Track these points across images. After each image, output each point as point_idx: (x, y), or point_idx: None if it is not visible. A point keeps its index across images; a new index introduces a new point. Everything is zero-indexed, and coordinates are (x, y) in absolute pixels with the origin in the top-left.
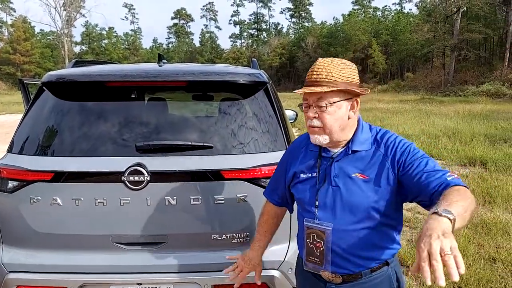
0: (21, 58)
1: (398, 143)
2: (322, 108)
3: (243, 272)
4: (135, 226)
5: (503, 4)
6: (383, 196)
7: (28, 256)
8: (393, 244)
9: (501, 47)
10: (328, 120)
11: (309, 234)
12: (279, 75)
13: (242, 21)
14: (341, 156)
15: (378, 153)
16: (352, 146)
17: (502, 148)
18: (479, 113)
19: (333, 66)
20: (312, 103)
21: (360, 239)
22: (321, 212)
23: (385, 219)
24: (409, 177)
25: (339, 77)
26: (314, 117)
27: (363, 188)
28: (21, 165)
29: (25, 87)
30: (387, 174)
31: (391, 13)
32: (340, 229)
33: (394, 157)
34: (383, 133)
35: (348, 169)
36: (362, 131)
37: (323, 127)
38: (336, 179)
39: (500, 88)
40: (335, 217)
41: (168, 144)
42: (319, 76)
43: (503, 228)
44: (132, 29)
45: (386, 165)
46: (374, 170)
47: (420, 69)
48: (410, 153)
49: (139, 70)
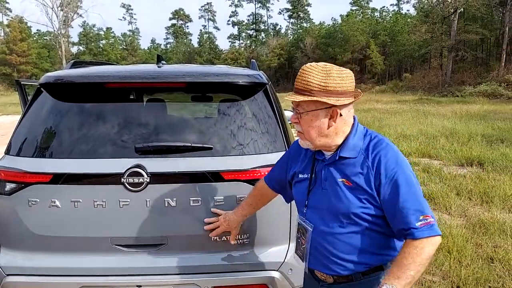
0: (17, 59)
1: (386, 162)
2: (301, 115)
3: (219, 229)
4: (134, 228)
5: (499, 5)
6: (369, 205)
7: (27, 259)
8: (388, 250)
9: (497, 47)
10: (304, 127)
11: (299, 229)
12: (277, 75)
13: (241, 22)
14: (330, 161)
15: (366, 164)
16: (340, 152)
17: (499, 148)
18: (476, 114)
19: (314, 74)
20: (294, 109)
21: (347, 243)
22: (309, 212)
23: (374, 226)
24: (383, 202)
25: (317, 86)
26: (295, 122)
27: (347, 194)
28: (19, 167)
29: (22, 88)
30: (369, 186)
31: (389, 14)
32: (324, 231)
33: (379, 175)
34: (375, 142)
35: (335, 174)
36: (354, 137)
37: (303, 133)
38: (325, 182)
39: (497, 88)
40: (321, 219)
41: (168, 146)
42: (298, 83)
43: (500, 228)
44: (130, 30)
45: (370, 177)
46: (359, 179)
47: (418, 69)
48: (393, 180)
49: (138, 71)
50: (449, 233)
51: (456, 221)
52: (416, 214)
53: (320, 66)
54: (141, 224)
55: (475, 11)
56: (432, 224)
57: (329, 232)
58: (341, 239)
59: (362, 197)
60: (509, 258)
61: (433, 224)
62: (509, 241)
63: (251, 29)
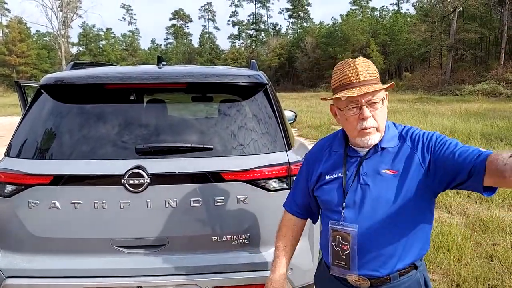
0: (16, 60)
1: (423, 134)
2: (376, 105)
3: None
4: (135, 229)
5: (498, 4)
6: (413, 190)
7: (27, 261)
8: (423, 243)
9: (496, 46)
10: (381, 117)
11: (335, 236)
12: (278, 75)
13: (241, 22)
14: (370, 154)
15: (405, 147)
16: (382, 143)
17: (498, 147)
18: (476, 112)
19: (370, 64)
20: (364, 103)
21: (389, 237)
22: (348, 212)
23: (415, 214)
24: (443, 159)
25: (377, 74)
26: (369, 116)
27: (393, 183)
28: (19, 169)
29: (22, 89)
30: (417, 167)
31: (388, 13)
32: (368, 228)
33: (423, 146)
34: (407, 129)
35: (377, 166)
36: (389, 128)
37: (377, 126)
38: (365, 177)
39: (496, 87)
40: (363, 216)
41: (168, 146)
42: (366, 74)
43: (499, 226)
44: (130, 30)
45: (415, 158)
46: (403, 163)
47: (418, 68)
48: (438, 139)
49: (139, 73)
50: (449, 231)
51: (455, 219)
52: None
53: (364, 58)
54: (141, 225)
55: (474, 10)
56: None
57: (375, 229)
58: (388, 234)
59: (408, 183)
60: (508, 256)
61: None
62: (508, 239)
63: (251, 29)
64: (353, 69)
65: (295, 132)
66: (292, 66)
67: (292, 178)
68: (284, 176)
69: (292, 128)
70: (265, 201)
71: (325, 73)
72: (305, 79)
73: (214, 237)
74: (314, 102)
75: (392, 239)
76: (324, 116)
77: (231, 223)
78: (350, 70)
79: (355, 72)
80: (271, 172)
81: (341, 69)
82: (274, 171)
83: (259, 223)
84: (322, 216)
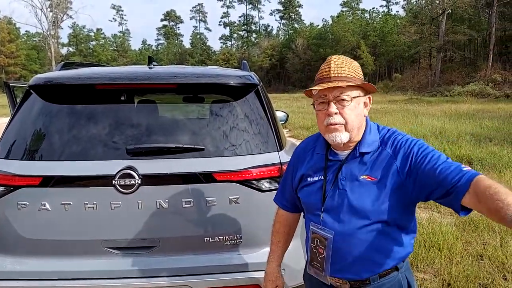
0: (5, 60)
1: (405, 142)
2: (344, 102)
3: None
4: (126, 231)
5: (486, 6)
6: (392, 197)
7: (16, 263)
8: (403, 247)
9: (485, 48)
10: (350, 115)
11: (313, 238)
12: (269, 76)
13: (232, 23)
14: (349, 159)
15: (385, 153)
16: (360, 148)
17: (487, 147)
18: (465, 113)
19: (348, 62)
20: (332, 99)
21: (367, 242)
22: (327, 216)
23: (394, 221)
24: (423, 173)
25: (355, 73)
26: (335, 113)
27: (371, 190)
28: (8, 170)
29: (11, 90)
30: (395, 175)
31: (378, 15)
32: (346, 233)
33: (404, 156)
34: (390, 134)
35: (356, 171)
36: (370, 132)
37: (345, 124)
38: (343, 182)
39: (484, 88)
40: (341, 221)
41: (159, 147)
42: (338, 71)
43: (489, 225)
44: (120, 31)
45: (394, 166)
46: (382, 171)
47: (408, 70)
48: (420, 150)
49: (129, 73)
50: (440, 231)
51: (446, 219)
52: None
53: (346, 57)
54: (132, 226)
55: (463, 12)
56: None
57: (351, 235)
58: (364, 240)
59: (386, 191)
60: (498, 255)
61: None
62: (497, 238)
63: (242, 30)
64: (327, 65)
65: (287, 133)
66: (283, 67)
67: None
68: (276, 176)
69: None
70: (257, 202)
71: (316, 74)
72: (296, 80)
73: (206, 237)
74: (305, 103)
75: (369, 245)
76: (315, 117)
77: (223, 223)
78: (325, 66)
79: (328, 68)
80: (263, 173)
81: (322, 65)
82: (266, 171)
83: (251, 224)
84: (305, 217)
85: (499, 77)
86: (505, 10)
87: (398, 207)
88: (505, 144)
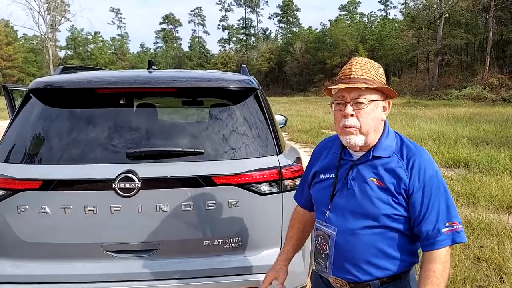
0: (3, 63)
1: (422, 167)
2: (361, 105)
3: (266, 279)
4: (126, 234)
5: (483, 11)
6: (398, 207)
7: (15, 267)
8: (409, 256)
9: (482, 52)
10: (366, 119)
11: (318, 235)
12: (268, 79)
13: (231, 26)
14: (361, 160)
15: (399, 164)
16: (374, 151)
17: (485, 150)
18: (462, 116)
19: (370, 65)
20: (349, 101)
21: (370, 245)
22: (332, 214)
23: (399, 228)
24: (412, 205)
25: (376, 76)
26: (351, 115)
27: (378, 194)
28: (8, 174)
29: (9, 93)
30: (404, 187)
31: (376, 19)
32: (349, 232)
33: (412, 178)
34: (409, 145)
35: (365, 173)
36: (387, 137)
37: (360, 127)
38: (352, 182)
39: (481, 91)
40: (344, 221)
41: (159, 151)
42: (359, 72)
43: (486, 228)
44: (119, 34)
45: (404, 179)
46: (392, 180)
47: (406, 73)
48: (427, 184)
49: (129, 77)
50: None
51: None
52: (443, 222)
53: (369, 60)
54: (132, 229)
55: (460, 17)
56: (458, 231)
57: (353, 234)
58: (367, 241)
59: (393, 198)
60: (495, 258)
61: (459, 231)
62: (495, 241)
63: (241, 33)
64: (349, 65)
65: (286, 136)
66: (282, 71)
67: (283, 182)
68: (275, 180)
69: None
70: (257, 205)
71: (314, 77)
72: (295, 84)
73: (205, 241)
74: (304, 106)
75: (371, 247)
76: (314, 120)
77: (222, 227)
78: (347, 67)
79: (349, 69)
80: (262, 176)
81: (344, 66)
82: (265, 175)
83: (251, 227)
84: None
85: (496, 81)
86: (502, 15)
87: (404, 213)
88: (502, 147)
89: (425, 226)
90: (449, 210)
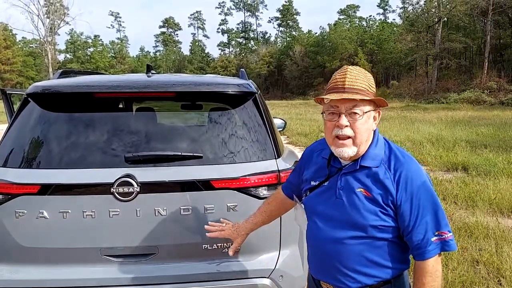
0: (1, 67)
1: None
2: (356, 116)
3: (223, 232)
4: (124, 238)
5: (481, 15)
6: (386, 218)
7: (13, 272)
8: (398, 263)
9: (480, 56)
10: (360, 129)
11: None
12: (267, 83)
13: (230, 30)
14: (348, 169)
15: (387, 176)
16: (361, 161)
17: (483, 154)
18: (461, 120)
19: (363, 74)
20: (344, 111)
21: (358, 254)
22: (321, 221)
23: (388, 238)
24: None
25: (369, 87)
26: (345, 125)
27: (365, 205)
28: (6, 178)
29: (7, 97)
30: (391, 199)
31: (375, 22)
32: (334, 241)
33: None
34: (397, 154)
35: (353, 183)
36: (376, 146)
37: (354, 138)
38: (341, 191)
39: (480, 95)
40: (334, 229)
41: (158, 155)
42: (353, 83)
43: (484, 231)
44: (118, 38)
45: (391, 190)
46: (379, 191)
47: (405, 77)
48: (415, 194)
49: (128, 81)
50: None
51: None
52: (433, 231)
53: (361, 69)
54: (131, 234)
55: (458, 21)
56: (447, 240)
57: (341, 242)
58: (354, 250)
59: (380, 208)
60: (493, 261)
61: (448, 240)
62: (493, 244)
63: (240, 37)
64: (343, 75)
65: (285, 139)
66: (281, 74)
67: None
68: (274, 183)
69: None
70: (255, 209)
71: (314, 81)
72: (294, 87)
73: (204, 245)
74: (303, 109)
75: (360, 257)
76: (313, 124)
77: None
78: (340, 75)
79: (343, 78)
80: (261, 180)
81: (336, 74)
82: (263, 179)
83: None
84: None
85: (494, 85)
86: (499, 19)
87: (392, 223)
88: (500, 151)
89: (414, 236)
90: (438, 219)
